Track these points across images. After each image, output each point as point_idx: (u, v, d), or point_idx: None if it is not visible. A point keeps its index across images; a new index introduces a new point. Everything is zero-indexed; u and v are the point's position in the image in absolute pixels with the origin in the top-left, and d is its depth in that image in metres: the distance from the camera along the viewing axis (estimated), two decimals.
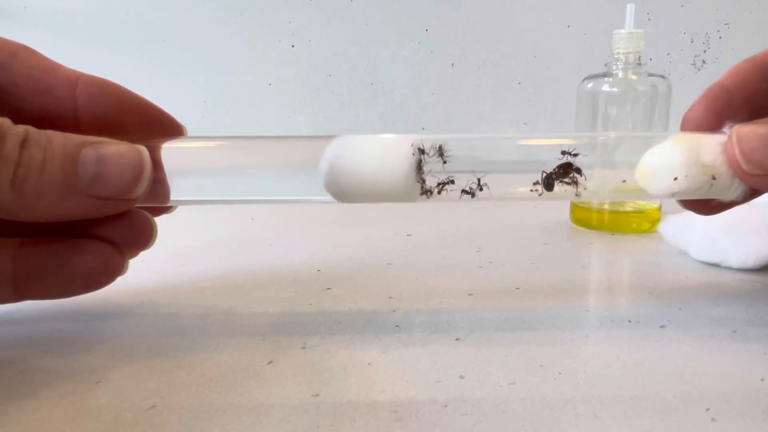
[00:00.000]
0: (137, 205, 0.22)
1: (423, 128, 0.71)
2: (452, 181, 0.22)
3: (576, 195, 0.23)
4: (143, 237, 0.22)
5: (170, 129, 0.24)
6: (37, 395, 0.18)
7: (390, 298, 0.28)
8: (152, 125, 0.23)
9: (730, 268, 0.32)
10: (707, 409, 0.17)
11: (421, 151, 0.22)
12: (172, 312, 0.26)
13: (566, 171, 0.22)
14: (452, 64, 0.71)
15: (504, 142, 0.24)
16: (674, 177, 0.21)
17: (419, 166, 0.22)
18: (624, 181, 0.23)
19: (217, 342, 0.23)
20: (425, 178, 0.22)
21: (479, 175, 0.22)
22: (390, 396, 0.18)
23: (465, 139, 0.23)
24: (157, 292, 0.29)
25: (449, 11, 0.69)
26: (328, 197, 0.22)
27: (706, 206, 0.24)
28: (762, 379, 0.19)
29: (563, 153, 0.22)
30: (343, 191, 0.22)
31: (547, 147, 0.23)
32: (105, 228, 0.22)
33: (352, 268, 0.33)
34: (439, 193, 0.22)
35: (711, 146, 0.21)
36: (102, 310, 0.26)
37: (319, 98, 0.72)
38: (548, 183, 0.23)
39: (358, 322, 0.25)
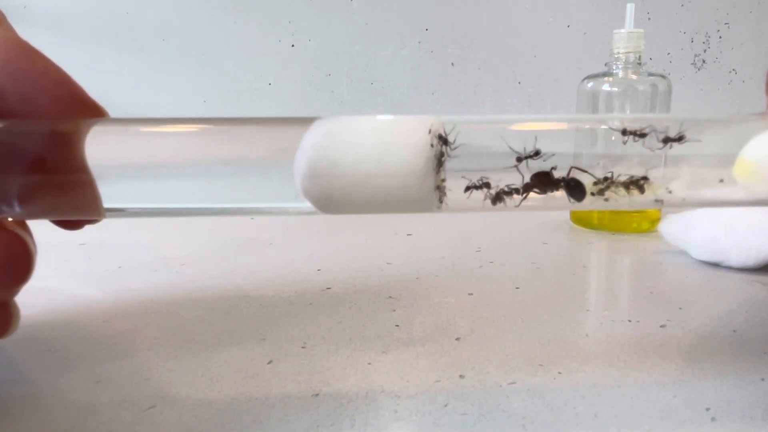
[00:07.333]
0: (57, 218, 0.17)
1: None
2: (487, 184, 0.16)
3: (656, 201, 0.17)
4: (17, 270, 0.16)
5: (84, 109, 0.17)
6: (37, 395, 0.18)
7: (390, 298, 0.28)
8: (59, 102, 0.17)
9: (730, 268, 0.32)
10: (707, 409, 0.17)
11: (443, 141, 0.15)
12: (172, 312, 0.26)
13: (544, 186, 0.16)
14: (452, 64, 0.70)
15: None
16: None
17: (440, 162, 0.15)
18: (721, 180, 0.17)
19: (217, 342, 0.23)
20: (444, 180, 0.15)
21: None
22: (390, 396, 0.18)
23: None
24: (158, 292, 0.29)
25: (449, 11, 0.69)
26: (308, 205, 0.16)
27: None
28: (762, 379, 0.19)
29: (639, 135, 0.15)
30: (328, 198, 0.16)
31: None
32: None
33: (352, 268, 0.33)
34: (503, 201, 0.15)
35: None
36: (102, 310, 0.26)
37: (319, 98, 0.72)
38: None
39: (358, 322, 0.25)
